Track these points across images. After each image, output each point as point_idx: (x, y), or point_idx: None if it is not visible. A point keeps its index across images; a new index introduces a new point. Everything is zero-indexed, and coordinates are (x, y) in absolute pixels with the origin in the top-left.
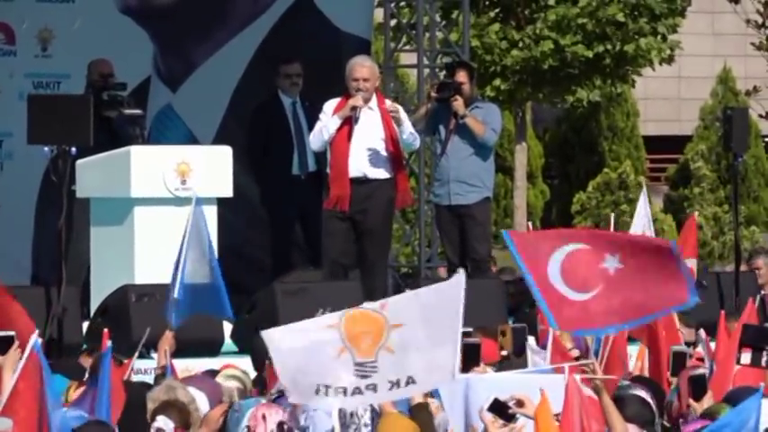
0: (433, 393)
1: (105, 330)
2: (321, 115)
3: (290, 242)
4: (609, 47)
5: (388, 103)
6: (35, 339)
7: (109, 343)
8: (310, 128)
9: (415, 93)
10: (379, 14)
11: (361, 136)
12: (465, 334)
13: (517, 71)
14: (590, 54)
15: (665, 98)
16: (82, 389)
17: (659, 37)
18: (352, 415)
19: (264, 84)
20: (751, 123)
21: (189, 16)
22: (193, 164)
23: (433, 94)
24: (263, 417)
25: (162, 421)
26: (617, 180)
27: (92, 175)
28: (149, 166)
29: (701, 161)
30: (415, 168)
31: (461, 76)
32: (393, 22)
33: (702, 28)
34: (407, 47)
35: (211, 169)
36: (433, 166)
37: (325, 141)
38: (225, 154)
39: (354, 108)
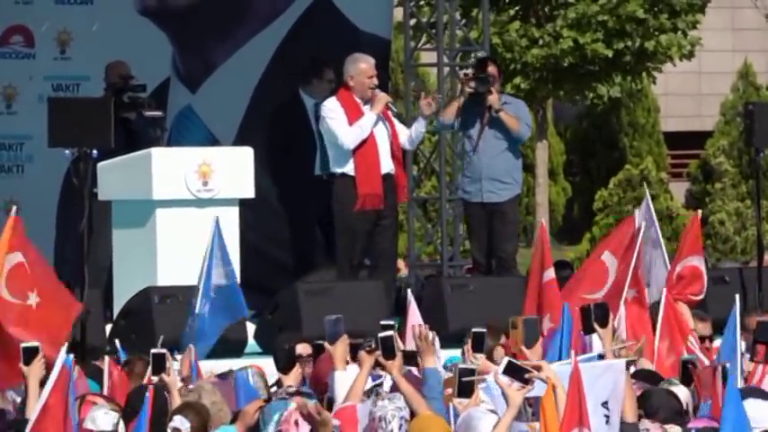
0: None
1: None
2: (331, 114)
3: (313, 242)
4: (629, 43)
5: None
6: (66, 355)
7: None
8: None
9: (436, 91)
10: (398, 13)
11: (380, 134)
12: (477, 335)
13: (537, 69)
14: (610, 53)
15: (686, 94)
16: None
17: (679, 33)
18: (380, 419)
19: (284, 84)
20: None
21: (207, 17)
22: (215, 165)
23: (469, 89)
24: (296, 423)
25: (178, 421)
26: (638, 176)
27: (113, 177)
28: (171, 168)
29: (722, 156)
30: (436, 167)
31: (493, 70)
32: (413, 21)
33: (722, 23)
34: (428, 45)
35: (233, 170)
36: (453, 164)
37: (363, 138)
38: (246, 155)
39: (387, 104)
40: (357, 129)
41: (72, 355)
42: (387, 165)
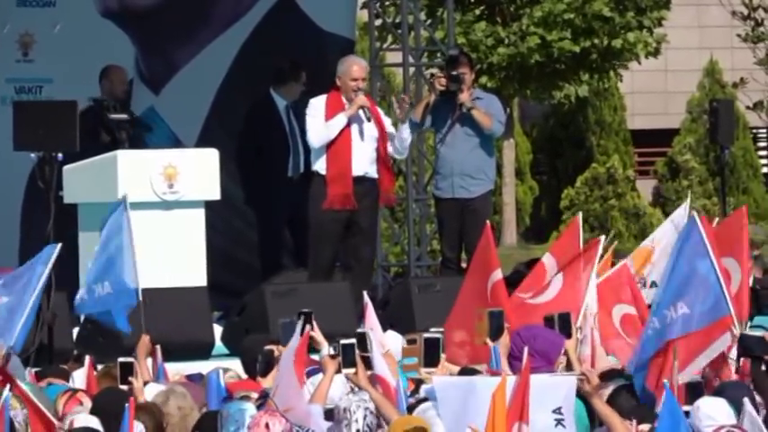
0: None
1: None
2: (311, 112)
3: (281, 244)
4: (596, 41)
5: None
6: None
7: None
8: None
9: (402, 91)
10: (364, 14)
11: (359, 135)
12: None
13: (504, 68)
14: (577, 49)
15: (652, 92)
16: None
17: (645, 31)
18: (345, 410)
19: (248, 85)
20: (738, 115)
21: (170, 18)
22: (180, 167)
23: (440, 87)
24: (267, 425)
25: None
26: (605, 175)
27: (79, 180)
28: (136, 171)
29: (688, 154)
30: (402, 167)
31: (465, 67)
32: (378, 22)
33: (688, 21)
34: (393, 46)
35: (198, 172)
36: (420, 164)
37: (330, 139)
38: (212, 157)
39: (362, 107)
40: (324, 128)
41: (10, 392)
42: (365, 167)
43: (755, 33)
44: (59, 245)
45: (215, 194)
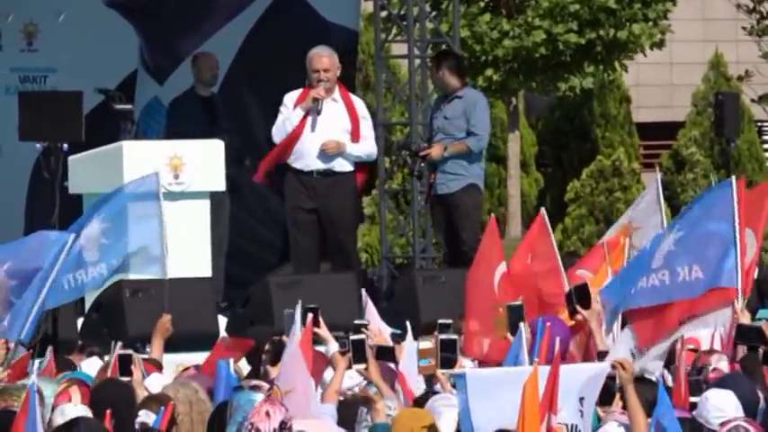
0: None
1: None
2: (282, 108)
3: (286, 235)
4: (601, 32)
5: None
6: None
7: None
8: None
9: (407, 83)
10: (368, 5)
11: (325, 127)
12: (443, 326)
13: (508, 60)
14: (582, 41)
15: (657, 84)
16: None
17: (650, 23)
18: (367, 413)
19: (252, 75)
20: (744, 108)
21: (175, 8)
22: (186, 158)
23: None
24: (267, 413)
25: (144, 415)
26: (611, 167)
27: (84, 170)
28: (142, 161)
29: (694, 147)
30: (408, 159)
31: (444, 72)
32: (383, 13)
33: (693, 13)
34: (398, 38)
35: (204, 163)
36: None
37: (287, 133)
38: (217, 148)
39: (316, 100)
40: (282, 123)
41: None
42: (325, 161)
43: (761, 26)
44: (73, 235)
45: (220, 185)
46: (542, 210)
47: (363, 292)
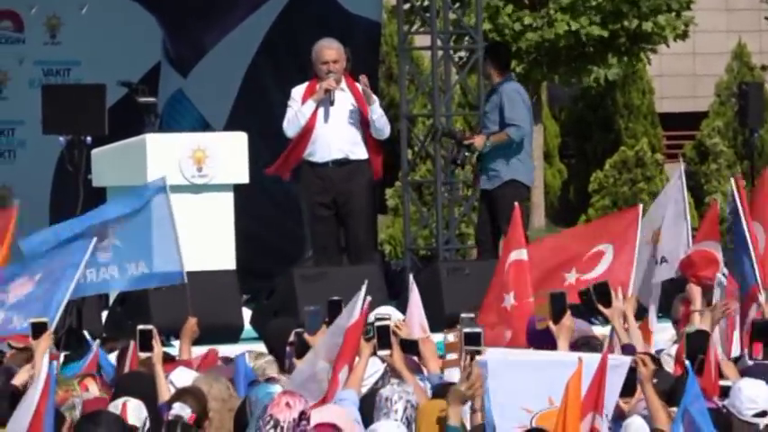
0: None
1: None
2: (291, 102)
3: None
4: (625, 23)
5: (360, 84)
6: (49, 364)
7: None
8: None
9: (430, 75)
10: None
11: (337, 118)
12: (467, 320)
13: (531, 52)
14: (605, 33)
15: (681, 75)
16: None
17: (673, 14)
18: (386, 399)
19: (275, 67)
20: (767, 98)
21: (198, 1)
22: (209, 151)
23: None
24: (288, 404)
25: (178, 408)
26: (634, 158)
27: (107, 163)
28: (165, 154)
29: (717, 137)
30: (430, 150)
31: (487, 66)
32: (406, 5)
33: (716, 3)
34: (421, 29)
35: (227, 156)
36: (448, 147)
37: (301, 127)
38: (240, 140)
39: (328, 91)
40: (294, 117)
41: (56, 363)
42: (342, 149)
43: None
44: (95, 239)
45: (244, 178)
46: (639, 206)
47: (411, 280)
